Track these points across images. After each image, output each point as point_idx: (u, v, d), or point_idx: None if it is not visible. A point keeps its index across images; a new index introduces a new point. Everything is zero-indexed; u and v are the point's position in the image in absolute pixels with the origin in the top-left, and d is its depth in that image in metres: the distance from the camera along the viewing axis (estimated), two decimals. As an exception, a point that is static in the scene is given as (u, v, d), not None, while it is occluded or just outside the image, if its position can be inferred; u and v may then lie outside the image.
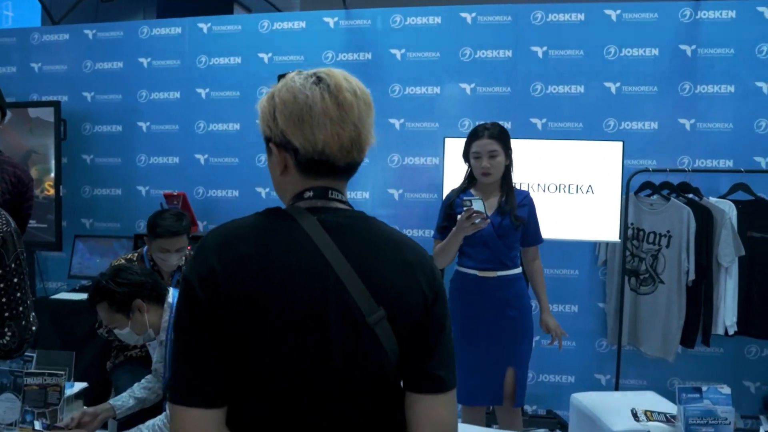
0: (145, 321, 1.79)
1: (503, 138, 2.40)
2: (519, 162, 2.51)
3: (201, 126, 3.64)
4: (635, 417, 1.91)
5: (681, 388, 1.77)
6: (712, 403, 1.73)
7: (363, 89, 0.94)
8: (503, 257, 2.39)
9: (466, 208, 2.21)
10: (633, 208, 3.15)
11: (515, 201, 2.41)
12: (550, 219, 2.82)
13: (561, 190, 2.99)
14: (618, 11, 3.30)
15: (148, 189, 3.69)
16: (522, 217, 2.40)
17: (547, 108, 3.35)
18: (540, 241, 2.53)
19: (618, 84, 3.31)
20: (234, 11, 6.98)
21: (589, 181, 2.96)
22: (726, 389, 1.76)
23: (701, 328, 3.03)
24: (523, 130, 3.27)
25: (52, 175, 3.52)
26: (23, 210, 2.42)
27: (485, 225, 2.25)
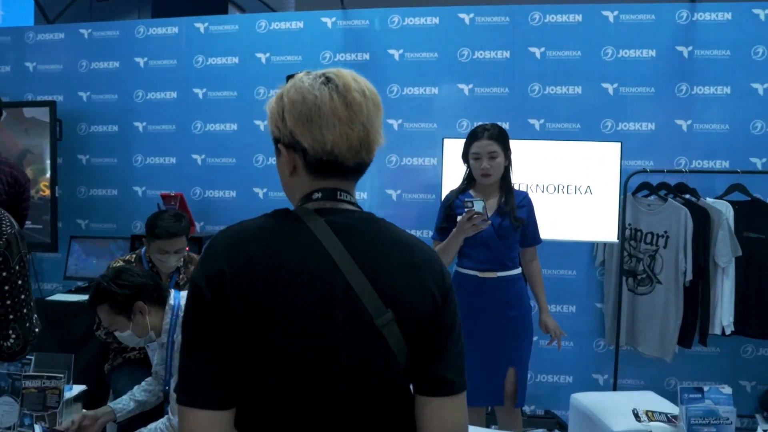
0: (147, 323, 1.78)
1: (503, 139, 2.40)
2: (517, 162, 2.51)
3: (198, 126, 3.63)
4: (636, 417, 1.92)
5: (683, 388, 1.78)
6: (713, 403, 1.74)
7: (372, 89, 0.94)
8: (503, 258, 2.39)
9: (467, 209, 2.21)
10: (630, 208, 3.17)
11: (515, 202, 2.41)
12: (548, 219, 2.82)
13: (559, 190, 3.00)
14: (615, 12, 3.32)
15: (144, 189, 3.67)
16: (521, 218, 2.40)
17: (545, 109, 3.36)
18: (538, 242, 2.54)
19: (615, 85, 3.32)
20: (228, 11, 6.96)
21: (588, 182, 2.97)
22: (727, 389, 1.77)
23: (698, 328, 3.04)
24: (521, 130, 3.28)
25: (47, 176, 3.49)
26: (20, 211, 2.39)
27: (486, 226, 2.25)
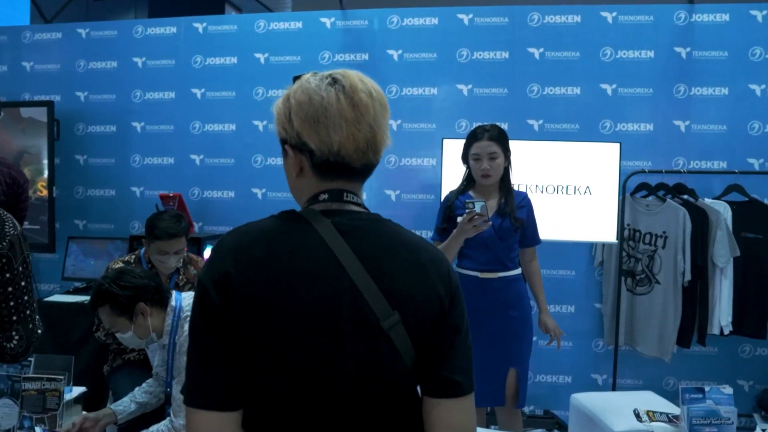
0: (148, 325, 1.77)
1: (502, 140, 2.40)
2: (516, 163, 2.51)
3: (196, 126, 3.62)
4: (638, 417, 1.92)
5: (684, 388, 1.78)
6: (714, 404, 1.75)
7: (378, 90, 0.94)
8: (503, 258, 2.39)
9: (467, 210, 2.21)
10: (629, 209, 3.18)
11: (514, 202, 2.42)
12: (547, 220, 2.83)
13: (559, 191, 3.00)
14: (614, 13, 3.33)
15: (142, 190, 3.65)
16: (521, 219, 2.41)
17: (544, 109, 3.36)
18: (538, 242, 2.54)
19: (614, 86, 3.33)
20: (225, 11, 6.94)
21: (587, 183, 2.98)
22: (728, 389, 1.78)
23: (697, 328, 3.06)
24: (520, 131, 3.28)
25: (44, 176, 3.47)
26: (18, 212, 2.38)
27: (486, 227, 2.25)
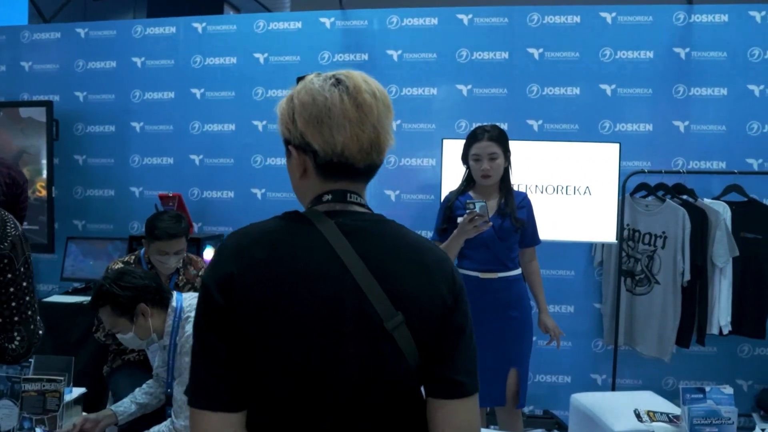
0: (149, 325, 1.77)
1: (502, 140, 2.40)
2: (516, 163, 2.51)
3: (196, 126, 3.61)
4: (638, 417, 1.92)
5: (685, 388, 1.79)
6: (715, 404, 1.75)
7: (382, 91, 0.94)
8: (504, 258, 2.40)
9: (468, 211, 2.21)
10: (629, 209, 3.18)
11: (515, 203, 2.42)
12: (547, 220, 2.83)
13: (559, 191, 3.01)
14: (613, 14, 3.33)
15: (141, 190, 3.65)
16: (522, 219, 2.41)
17: (543, 109, 3.37)
18: (537, 242, 2.54)
19: (613, 86, 3.33)
20: (223, 11, 6.93)
21: (587, 183, 2.98)
22: (728, 389, 1.78)
23: (696, 327, 3.06)
24: (520, 131, 3.28)
25: (43, 176, 3.46)
26: (18, 212, 2.37)
27: (487, 227, 2.25)
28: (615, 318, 3.15)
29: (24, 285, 1.32)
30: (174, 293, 1.86)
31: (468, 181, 2.49)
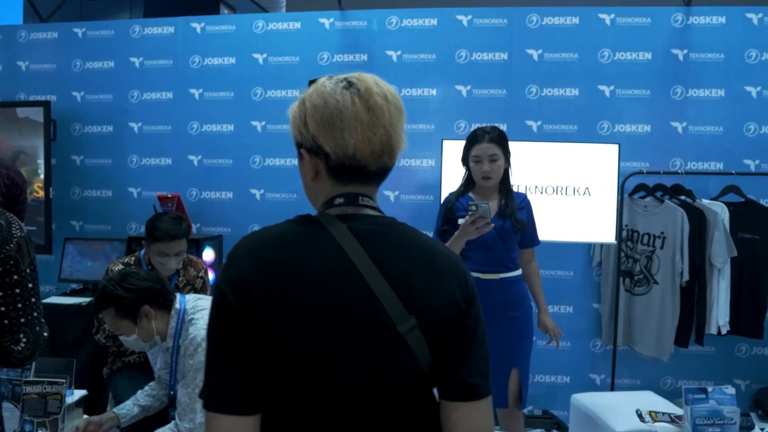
0: (153, 328, 1.76)
1: (503, 141, 2.41)
2: (515, 164, 2.52)
3: (194, 127, 3.60)
4: (640, 418, 1.93)
5: (687, 388, 1.80)
6: (717, 404, 1.76)
7: (393, 93, 0.94)
8: (505, 259, 2.40)
9: (470, 212, 2.21)
10: (627, 209, 3.20)
11: (515, 204, 2.43)
12: (546, 221, 2.84)
13: (558, 192, 3.02)
14: (612, 15, 3.34)
15: (140, 191, 3.63)
16: (522, 220, 2.42)
17: (542, 110, 3.38)
18: (537, 243, 2.55)
19: (612, 87, 3.35)
20: (220, 11, 6.92)
21: (586, 184, 3.00)
22: (730, 389, 1.79)
23: (695, 327, 3.08)
24: (519, 132, 3.29)
25: (41, 177, 3.44)
26: (17, 213, 2.36)
27: (489, 229, 2.25)
28: (614, 318, 3.17)
29: (30, 286, 1.31)
30: (177, 295, 1.85)
31: (468, 183, 2.49)
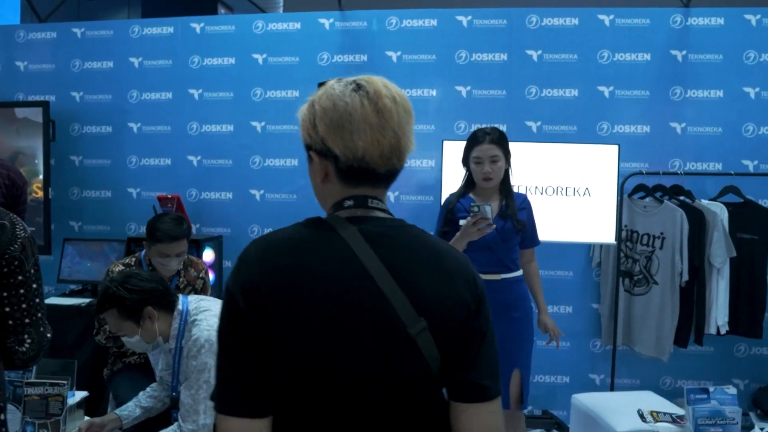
0: (156, 329, 1.75)
1: (503, 142, 2.41)
2: (515, 164, 2.52)
3: (194, 127, 3.59)
4: (642, 418, 1.94)
5: (689, 389, 1.80)
6: (719, 404, 1.77)
7: (402, 96, 0.94)
8: (506, 260, 2.41)
9: (472, 214, 2.21)
10: (627, 210, 3.20)
11: (516, 204, 2.43)
12: (546, 221, 2.84)
13: (558, 192, 3.02)
14: (611, 16, 3.35)
15: (139, 191, 3.62)
16: (523, 221, 2.42)
17: (542, 111, 3.39)
18: (537, 243, 2.56)
19: (611, 88, 3.36)
20: (218, 11, 6.91)
21: (586, 184, 3.00)
22: (732, 390, 1.80)
23: (694, 327, 3.09)
24: (519, 132, 3.30)
25: (40, 177, 3.43)
26: (17, 214, 2.34)
27: (490, 230, 2.25)
28: (613, 318, 3.18)
29: (34, 287, 1.31)
30: (180, 296, 1.85)
31: (468, 184, 2.49)
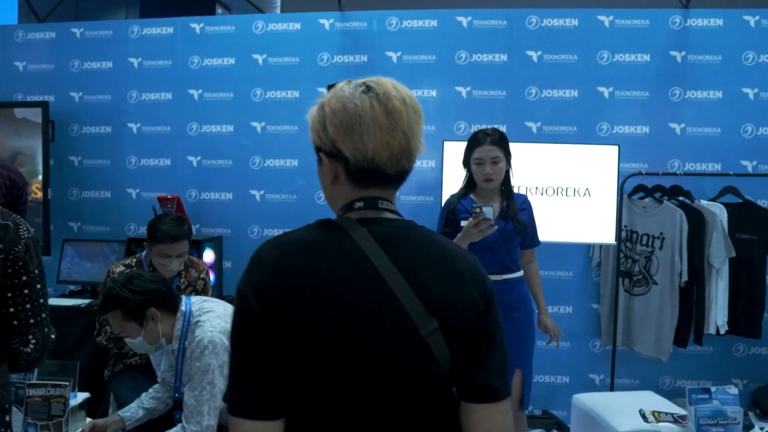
0: (159, 330, 1.75)
1: (504, 144, 2.42)
2: (515, 165, 2.52)
3: (194, 127, 3.58)
4: (644, 418, 1.95)
5: (691, 389, 1.81)
6: (721, 404, 1.77)
7: (412, 97, 0.95)
8: (507, 261, 2.41)
9: (474, 215, 2.21)
10: (626, 210, 3.21)
11: (516, 205, 2.44)
12: (547, 222, 2.85)
13: (558, 193, 3.03)
14: (611, 17, 3.36)
15: (138, 191, 3.61)
16: (524, 222, 2.43)
17: (542, 111, 3.39)
18: (537, 244, 2.56)
19: (611, 88, 3.37)
20: (215, 11, 6.89)
21: (586, 185, 3.01)
22: (733, 390, 1.81)
23: (694, 327, 3.10)
24: (519, 133, 3.31)
25: (39, 178, 3.42)
26: (18, 214, 2.34)
27: (492, 231, 2.26)
28: (613, 318, 3.18)
29: (38, 287, 1.31)
30: (183, 297, 1.84)
31: (469, 185, 2.49)
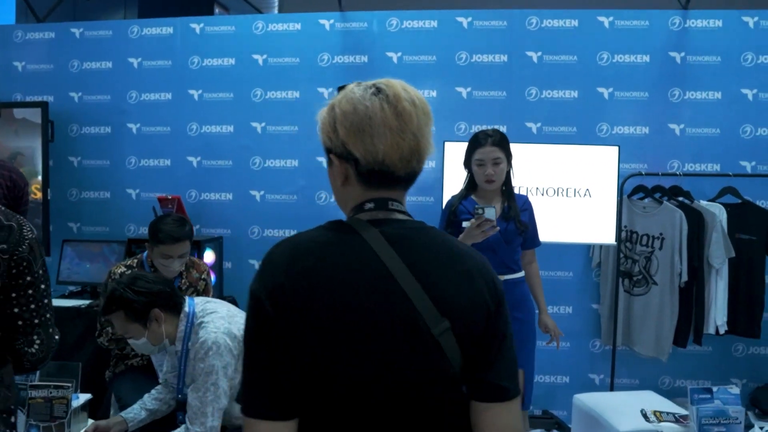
0: (162, 331, 1.75)
1: (505, 145, 2.42)
2: (515, 165, 2.53)
3: (193, 128, 3.58)
4: (645, 417, 1.95)
5: (692, 389, 1.82)
6: (722, 404, 1.78)
7: (421, 99, 0.95)
8: (509, 262, 2.42)
9: (476, 216, 2.22)
10: (626, 211, 3.22)
11: (517, 206, 2.44)
12: (547, 222, 2.85)
13: (559, 193, 3.04)
14: (610, 18, 3.37)
15: (138, 192, 3.61)
16: (525, 222, 2.43)
17: (542, 112, 3.40)
18: (538, 244, 2.57)
19: (610, 89, 3.38)
20: (214, 11, 6.88)
21: (586, 185, 3.02)
22: (735, 389, 1.82)
23: (693, 327, 3.11)
24: (519, 133, 3.31)
25: (38, 178, 3.41)
26: (19, 215, 2.34)
27: (494, 232, 2.26)
28: (613, 318, 3.19)
29: (42, 288, 1.31)
30: (186, 298, 1.84)
31: (470, 186, 2.50)
